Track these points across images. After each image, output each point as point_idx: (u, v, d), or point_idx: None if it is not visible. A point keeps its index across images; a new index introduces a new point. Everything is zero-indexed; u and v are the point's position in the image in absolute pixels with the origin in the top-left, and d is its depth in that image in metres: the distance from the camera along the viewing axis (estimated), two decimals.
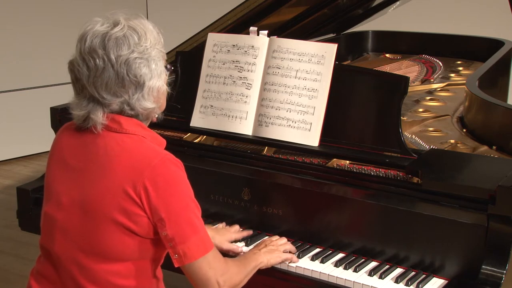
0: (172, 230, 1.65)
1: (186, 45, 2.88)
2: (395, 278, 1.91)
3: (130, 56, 1.65)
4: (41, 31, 5.55)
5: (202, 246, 1.69)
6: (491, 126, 2.48)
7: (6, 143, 5.51)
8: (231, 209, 2.23)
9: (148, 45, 1.69)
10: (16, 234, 3.77)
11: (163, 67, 1.74)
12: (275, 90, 2.25)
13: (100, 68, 1.65)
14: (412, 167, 2.00)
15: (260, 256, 1.95)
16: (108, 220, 1.65)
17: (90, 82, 1.66)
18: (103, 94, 1.66)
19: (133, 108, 1.69)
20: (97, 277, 1.69)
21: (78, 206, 1.69)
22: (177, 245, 1.66)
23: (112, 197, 1.64)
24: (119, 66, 1.64)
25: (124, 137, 1.68)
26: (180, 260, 1.67)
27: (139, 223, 1.65)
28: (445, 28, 4.44)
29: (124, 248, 1.67)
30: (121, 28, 1.68)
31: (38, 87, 5.62)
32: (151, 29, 1.74)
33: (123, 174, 1.64)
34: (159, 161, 1.66)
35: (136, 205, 1.64)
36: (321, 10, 3.30)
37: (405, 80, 2.11)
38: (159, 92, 1.72)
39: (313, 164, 2.14)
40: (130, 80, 1.66)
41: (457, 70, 3.60)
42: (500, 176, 1.87)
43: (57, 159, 1.77)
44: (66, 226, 1.71)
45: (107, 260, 1.68)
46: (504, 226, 1.80)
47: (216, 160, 2.29)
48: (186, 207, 1.68)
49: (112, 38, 1.65)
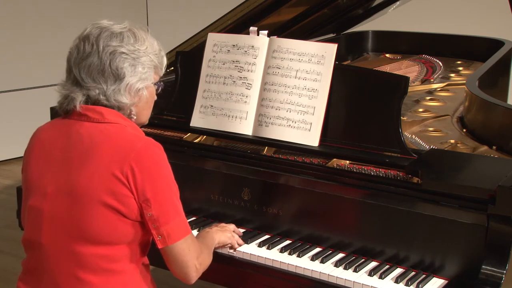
0: (157, 211, 1.70)
1: (186, 45, 2.88)
2: (395, 278, 1.91)
3: (117, 49, 1.73)
4: (41, 31, 5.55)
5: (184, 228, 1.75)
6: (491, 126, 2.48)
7: (6, 143, 5.51)
8: (231, 209, 2.23)
9: (142, 49, 1.76)
10: (16, 234, 3.75)
11: (151, 77, 1.80)
12: (275, 90, 2.25)
13: (87, 52, 1.73)
14: (412, 167, 2.00)
15: (215, 234, 2.03)
16: (97, 203, 1.68)
17: (76, 63, 1.74)
18: (83, 77, 1.73)
19: (108, 98, 1.74)
20: (88, 262, 1.71)
21: (65, 193, 1.71)
22: (161, 226, 1.71)
23: (100, 180, 1.68)
24: (104, 54, 1.72)
25: (107, 126, 1.74)
26: (163, 241, 1.72)
27: (127, 204, 1.69)
28: (445, 28, 4.44)
29: (114, 230, 1.70)
30: (122, 27, 1.77)
31: (38, 87, 5.62)
32: (153, 43, 1.82)
33: (109, 158, 1.69)
34: (143, 144, 1.71)
35: (124, 186, 1.68)
36: (321, 10, 3.30)
37: (405, 80, 2.11)
38: (137, 94, 1.77)
39: (313, 164, 2.14)
40: (111, 70, 1.72)
41: (457, 70, 3.60)
42: (500, 176, 1.87)
43: (38, 154, 1.80)
44: (53, 215, 1.73)
45: (96, 244, 1.70)
46: (504, 226, 1.80)
47: (216, 160, 2.29)
48: (169, 189, 1.73)
49: (108, 31, 1.75)
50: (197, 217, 2.30)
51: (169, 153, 1.79)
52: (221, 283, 2.21)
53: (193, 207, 2.29)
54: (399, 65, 3.60)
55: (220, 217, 2.26)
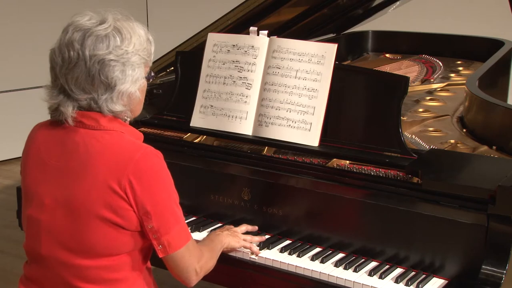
0: (158, 222, 1.67)
1: (186, 45, 2.88)
2: (395, 278, 1.91)
3: (105, 57, 1.63)
4: (41, 31, 5.54)
5: (184, 235, 1.73)
6: (491, 126, 2.48)
7: (6, 143, 5.51)
8: (231, 209, 2.23)
9: (130, 49, 1.66)
10: (16, 234, 3.77)
11: (142, 74, 1.71)
12: (275, 90, 2.25)
13: (73, 62, 1.64)
14: (412, 167, 2.00)
15: (224, 238, 2.01)
16: (95, 217, 1.65)
17: (62, 73, 1.66)
18: (72, 88, 1.65)
19: (100, 107, 1.67)
20: (88, 274, 1.69)
21: (62, 206, 1.68)
22: (162, 236, 1.68)
23: (97, 194, 1.64)
24: (92, 64, 1.63)
25: (103, 134, 1.68)
26: (164, 250, 1.70)
27: (126, 217, 1.66)
28: (445, 28, 4.44)
29: (113, 243, 1.68)
30: (106, 27, 1.65)
31: (38, 87, 5.58)
32: (140, 34, 1.71)
33: (107, 170, 1.64)
34: (141, 154, 1.66)
35: (121, 199, 1.64)
36: (321, 10, 3.30)
37: (405, 80, 2.11)
38: (130, 98, 1.70)
39: (313, 164, 2.14)
40: (101, 80, 1.64)
41: (457, 70, 3.60)
42: (500, 176, 1.87)
43: (34, 160, 1.76)
44: (51, 227, 1.70)
45: (96, 256, 1.68)
46: (504, 226, 1.80)
47: (216, 160, 2.29)
48: (169, 198, 1.70)
49: (92, 35, 1.64)
50: (197, 217, 2.30)
51: (169, 153, 1.79)
52: (221, 283, 2.21)
53: (193, 207, 2.29)
54: (399, 65, 3.60)
55: (220, 217, 2.26)
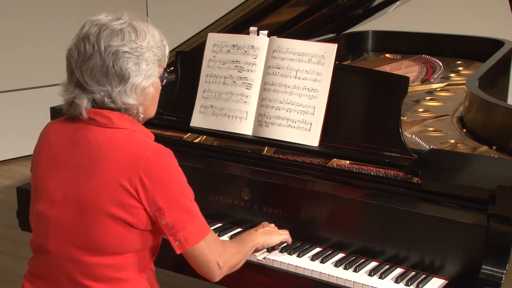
0: (171, 218, 1.67)
1: (186, 45, 2.88)
2: (395, 278, 1.91)
3: (120, 48, 1.67)
4: (41, 31, 5.55)
5: (201, 230, 1.73)
6: (491, 126, 2.48)
7: (6, 143, 5.51)
8: (231, 209, 2.23)
9: (144, 45, 1.70)
10: (16, 234, 3.76)
11: (156, 72, 1.74)
12: (275, 90, 2.25)
13: (88, 54, 1.67)
14: (412, 167, 2.00)
15: (257, 236, 1.99)
16: (104, 215, 1.65)
17: (78, 65, 1.69)
18: (86, 80, 1.68)
19: (114, 101, 1.69)
20: (94, 271, 1.69)
21: (72, 202, 1.69)
22: (178, 232, 1.68)
23: (107, 191, 1.65)
24: (107, 55, 1.66)
25: (115, 132, 1.69)
26: (181, 246, 1.70)
27: (136, 215, 1.66)
28: (445, 28, 4.44)
29: (121, 241, 1.68)
30: (122, 22, 1.70)
31: (38, 87, 5.62)
32: (155, 35, 1.75)
33: (117, 168, 1.65)
34: (152, 153, 1.67)
35: (132, 197, 1.65)
36: (321, 10, 3.30)
37: (405, 80, 2.11)
38: (144, 92, 1.72)
39: (313, 164, 2.14)
40: (115, 72, 1.67)
41: (457, 70, 3.60)
42: (500, 176, 1.87)
43: (46, 157, 1.77)
44: (60, 223, 1.71)
45: (103, 254, 1.68)
46: (504, 226, 1.80)
47: (216, 160, 2.29)
48: (182, 194, 1.70)
49: (108, 29, 1.69)
50: None
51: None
52: (221, 283, 2.20)
53: None
54: (399, 65, 3.61)
55: (220, 217, 2.26)
